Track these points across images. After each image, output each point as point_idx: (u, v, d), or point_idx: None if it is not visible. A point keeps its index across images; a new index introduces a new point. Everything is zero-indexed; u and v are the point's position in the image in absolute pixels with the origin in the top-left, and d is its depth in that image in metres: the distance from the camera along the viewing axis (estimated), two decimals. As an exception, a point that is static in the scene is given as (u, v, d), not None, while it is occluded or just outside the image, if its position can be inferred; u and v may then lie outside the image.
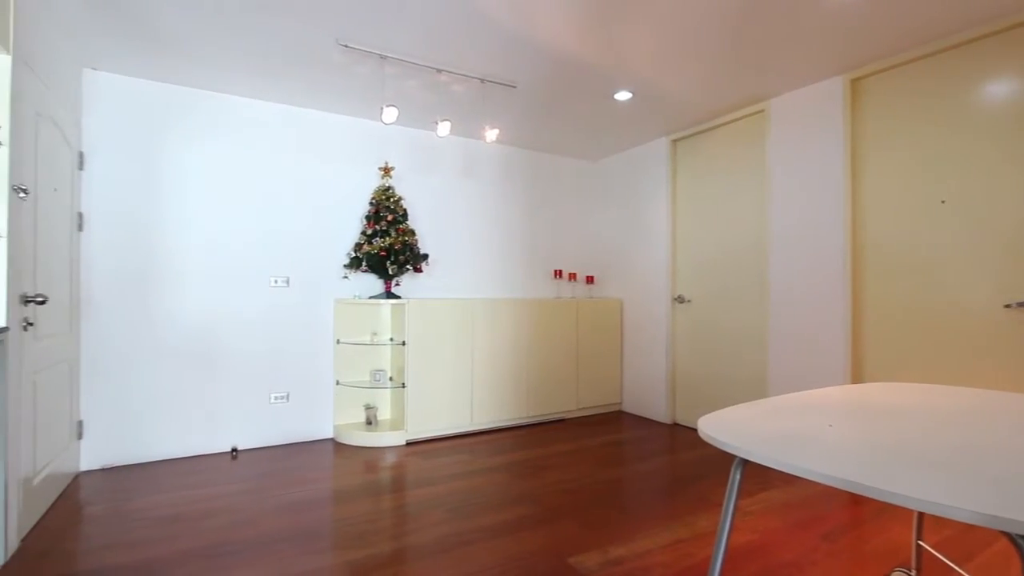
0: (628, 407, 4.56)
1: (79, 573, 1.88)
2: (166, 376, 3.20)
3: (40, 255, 2.32)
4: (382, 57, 2.84)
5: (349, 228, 3.80)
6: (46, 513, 2.39)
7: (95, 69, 3.02)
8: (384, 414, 3.88)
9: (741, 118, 3.64)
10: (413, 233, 3.69)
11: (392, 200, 3.66)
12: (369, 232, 3.62)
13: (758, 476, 2.88)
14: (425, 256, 3.74)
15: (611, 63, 2.93)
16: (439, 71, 3.01)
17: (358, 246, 3.63)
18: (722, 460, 3.20)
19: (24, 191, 2.08)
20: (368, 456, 3.29)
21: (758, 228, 3.53)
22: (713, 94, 3.37)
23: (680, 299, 4.11)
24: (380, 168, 3.81)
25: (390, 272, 3.58)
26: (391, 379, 3.82)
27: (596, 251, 4.99)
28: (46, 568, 1.91)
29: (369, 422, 3.69)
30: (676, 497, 2.61)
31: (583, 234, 4.96)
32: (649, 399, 4.33)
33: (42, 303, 2.23)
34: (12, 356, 1.98)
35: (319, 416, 3.66)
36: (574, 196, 4.91)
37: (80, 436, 2.96)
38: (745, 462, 1.12)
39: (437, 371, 3.66)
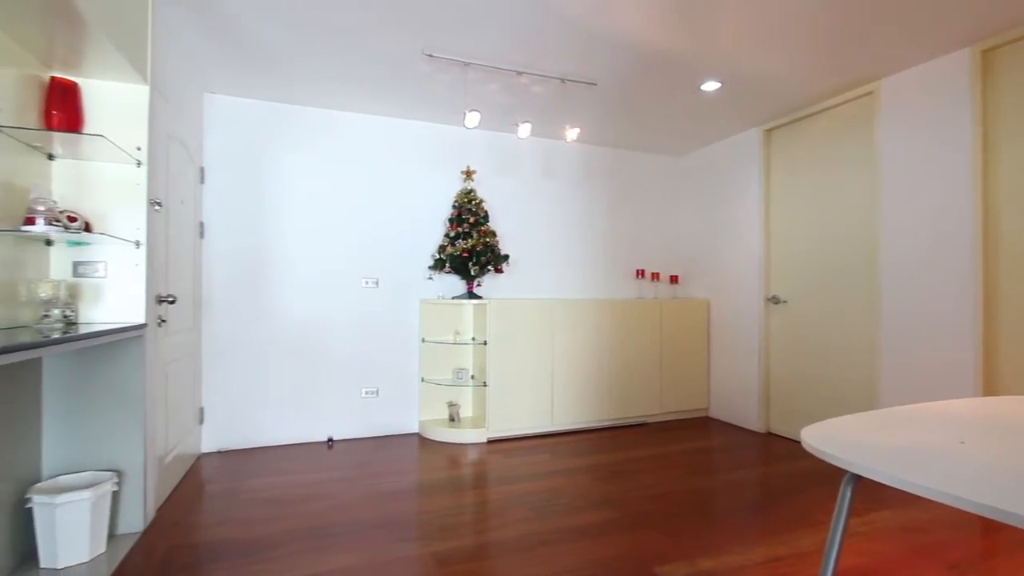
0: (716, 413, 4.33)
1: (202, 544, 2.11)
2: (272, 370, 3.50)
3: (171, 260, 2.62)
4: (464, 64, 2.91)
5: (433, 231, 3.94)
6: (175, 488, 2.70)
7: (213, 93, 3.36)
8: (466, 411, 3.98)
9: (845, 102, 3.34)
10: (494, 234, 3.75)
11: (474, 202, 3.75)
12: (452, 234, 3.73)
13: (867, 494, 2.62)
14: (506, 257, 3.79)
15: (697, 51, 2.81)
16: (519, 73, 3.04)
17: (442, 248, 3.76)
18: (825, 474, 2.94)
19: (159, 205, 2.36)
20: (451, 452, 3.39)
21: (867, 221, 3.21)
22: (812, 77, 3.11)
23: (775, 299, 3.84)
24: (462, 172, 3.91)
25: (472, 273, 3.67)
26: (473, 378, 3.91)
27: (680, 250, 4.79)
28: (176, 536, 2.16)
29: (452, 419, 3.80)
30: (772, 511, 2.44)
31: (667, 232, 4.79)
32: (739, 405, 4.09)
33: (172, 303, 2.52)
34: (149, 349, 2.26)
35: (405, 411, 3.83)
36: (657, 193, 4.75)
37: (201, 422, 3.31)
38: (857, 478, 1.02)
39: (518, 371, 3.70)
